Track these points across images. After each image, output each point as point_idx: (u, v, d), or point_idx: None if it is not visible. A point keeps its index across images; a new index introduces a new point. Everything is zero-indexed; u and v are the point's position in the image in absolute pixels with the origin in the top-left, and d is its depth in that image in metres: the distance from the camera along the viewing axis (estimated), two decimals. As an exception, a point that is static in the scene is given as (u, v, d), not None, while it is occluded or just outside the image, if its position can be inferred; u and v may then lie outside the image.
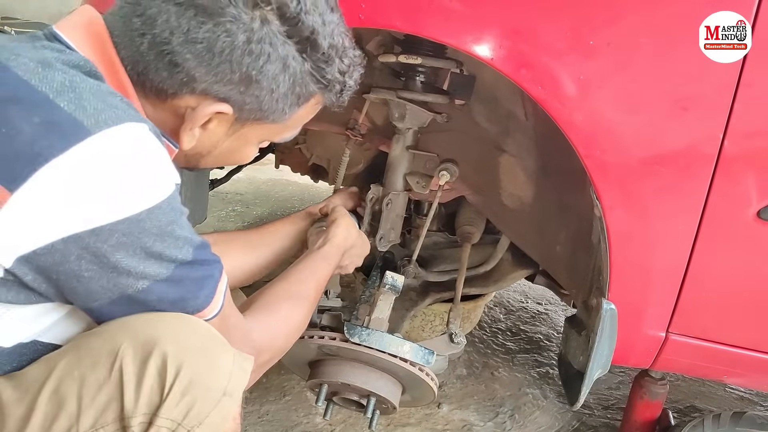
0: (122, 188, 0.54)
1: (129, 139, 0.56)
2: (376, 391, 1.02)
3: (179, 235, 0.60)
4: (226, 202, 3.22)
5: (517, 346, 1.98)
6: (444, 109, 1.20)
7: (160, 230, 0.57)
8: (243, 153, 0.75)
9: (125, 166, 0.55)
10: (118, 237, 0.54)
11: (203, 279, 0.64)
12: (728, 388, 1.85)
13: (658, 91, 0.86)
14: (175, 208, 0.60)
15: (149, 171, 0.57)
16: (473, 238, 1.45)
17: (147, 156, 0.57)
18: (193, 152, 0.71)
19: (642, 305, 1.01)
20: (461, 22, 0.84)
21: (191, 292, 0.63)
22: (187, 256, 0.60)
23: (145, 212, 0.55)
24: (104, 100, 0.56)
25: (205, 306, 0.64)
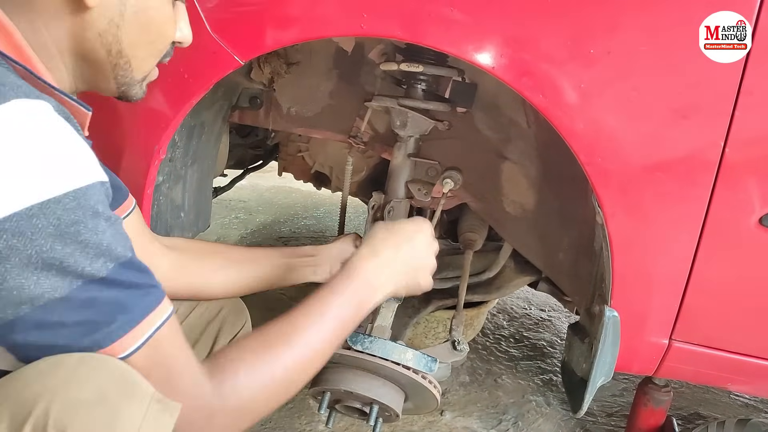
0: (6, 177, 0.45)
1: (15, 118, 0.47)
2: (379, 398, 1.02)
3: (88, 240, 0.49)
4: (229, 209, 3.22)
5: (521, 353, 1.97)
6: (446, 117, 1.21)
7: (59, 231, 0.47)
8: (158, 11, 0.65)
9: (8, 149, 0.46)
10: (7, 239, 0.45)
11: (122, 302, 0.52)
12: (732, 396, 1.84)
13: (658, 98, 0.86)
14: (86, 206, 0.49)
15: (43, 155, 0.47)
16: (476, 245, 1.45)
17: (42, 139, 0.48)
18: (105, 25, 0.61)
19: (645, 312, 1.00)
20: (462, 31, 0.85)
21: (103, 315, 0.51)
22: (100, 271, 0.50)
23: (37, 206, 0.46)
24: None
25: (119, 335, 0.52)
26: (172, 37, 0.69)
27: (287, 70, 1.24)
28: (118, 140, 0.98)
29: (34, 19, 0.58)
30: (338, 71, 1.29)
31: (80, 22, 0.59)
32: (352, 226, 2.94)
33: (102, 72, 0.65)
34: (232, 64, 0.91)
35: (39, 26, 0.58)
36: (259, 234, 2.91)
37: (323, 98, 1.33)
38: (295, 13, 0.89)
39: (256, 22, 0.90)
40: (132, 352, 0.53)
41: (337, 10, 0.86)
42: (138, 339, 0.54)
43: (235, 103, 1.34)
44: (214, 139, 1.29)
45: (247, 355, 0.65)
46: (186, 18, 0.71)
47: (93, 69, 0.64)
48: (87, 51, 0.62)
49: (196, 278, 0.97)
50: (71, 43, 0.61)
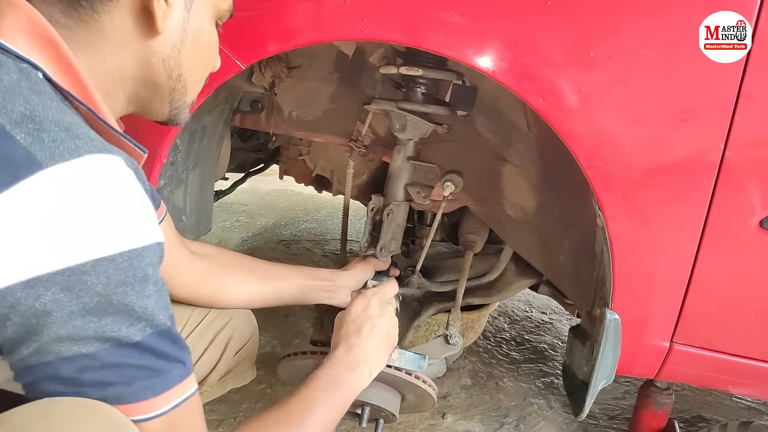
0: (69, 231, 0.46)
1: (87, 174, 0.47)
2: (370, 400, 1.02)
3: (132, 305, 0.49)
4: (230, 212, 3.23)
5: (522, 356, 1.97)
6: (446, 120, 1.21)
7: (107, 290, 0.48)
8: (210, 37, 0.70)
9: (74, 204, 0.46)
10: (55, 292, 0.45)
11: (151, 370, 0.52)
12: (735, 398, 1.84)
13: (658, 101, 0.86)
14: (137, 268, 0.49)
15: (107, 214, 0.48)
16: (476, 246, 1.45)
17: (108, 196, 0.48)
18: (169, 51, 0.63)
19: (646, 315, 1.00)
20: (462, 35, 0.85)
21: (123, 378, 0.51)
22: (136, 336, 0.50)
23: (91, 263, 0.46)
24: (68, 129, 0.48)
25: (137, 399, 0.52)
26: (217, 60, 0.75)
27: (288, 74, 1.24)
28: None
29: (102, 47, 0.59)
30: (339, 75, 1.29)
31: (147, 48, 0.62)
32: (354, 230, 2.94)
33: (160, 96, 0.68)
34: (233, 69, 0.92)
35: (106, 54, 0.60)
36: (260, 237, 2.91)
37: (324, 102, 1.33)
38: (296, 18, 0.89)
39: (257, 27, 0.90)
40: (146, 419, 0.53)
41: (338, 14, 0.87)
42: (155, 409, 0.53)
43: (237, 107, 1.34)
44: (215, 143, 1.30)
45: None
46: None
47: (152, 93, 0.67)
48: (149, 76, 0.64)
49: (217, 290, 0.99)
50: (136, 69, 0.63)
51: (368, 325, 0.92)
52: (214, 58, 0.73)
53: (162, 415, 0.54)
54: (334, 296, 1.14)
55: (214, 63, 0.74)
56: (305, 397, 0.78)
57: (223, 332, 1.01)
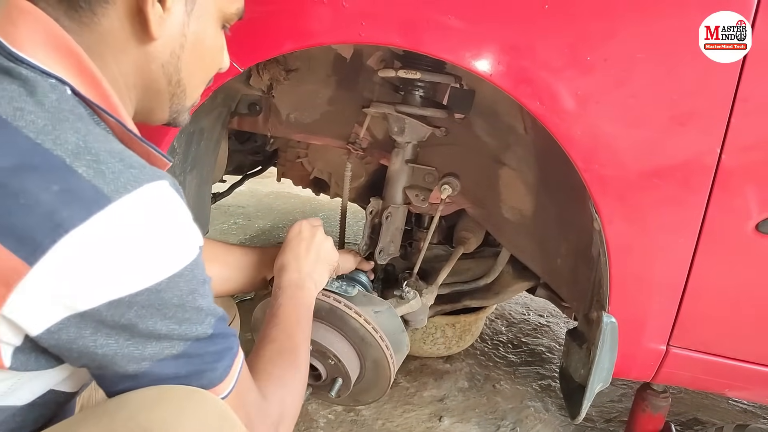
0: (143, 257, 0.51)
1: (149, 203, 0.51)
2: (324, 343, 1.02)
3: (201, 305, 0.57)
4: (228, 215, 3.23)
5: (519, 359, 1.97)
6: (443, 123, 1.21)
7: (181, 300, 0.54)
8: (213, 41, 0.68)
9: (146, 234, 0.51)
10: (137, 310, 0.51)
11: (222, 352, 0.61)
12: (731, 401, 1.84)
13: (656, 105, 0.87)
14: (197, 275, 0.56)
15: (171, 237, 0.53)
16: (469, 244, 1.45)
17: (168, 220, 0.53)
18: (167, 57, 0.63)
19: (642, 318, 1.01)
20: (460, 38, 0.85)
21: (209, 365, 0.59)
22: (208, 329, 0.58)
23: (165, 281, 0.52)
24: (122, 160, 0.52)
25: (221, 380, 0.61)
26: (220, 64, 0.73)
27: (286, 77, 1.25)
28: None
29: (105, 54, 0.59)
30: (337, 78, 1.29)
31: (145, 54, 0.61)
32: (351, 232, 2.94)
33: (160, 101, 0.67)
34: (231, 71, 0.91)
35: (109, 61, 0.60)
36: (257, 239, 2.91)
37: (322, 105, 1.33)
38: (294, 21, 0.89)
39: (255, 30, 0.90)
40: (228, 394, 0.61)
41: (336, 18, 0.87)
42: (232, 381, 0.62)
43: (234, 109, 1.34)
44: (213, 146, 1.30)
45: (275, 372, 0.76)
46: (225, 45, 0.74)
47: (153, 99, 0.66)
48: (150, 82, 0.64)
49: None
50: (136, 76, 0.63)
51: (304, 245, 1.00)
52: (218, 61, 0.72)
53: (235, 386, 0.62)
54: None
55: (218, 66, 0.73)
56: (282, 324, 0.85)
57: None
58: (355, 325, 1.03)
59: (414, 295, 1.16)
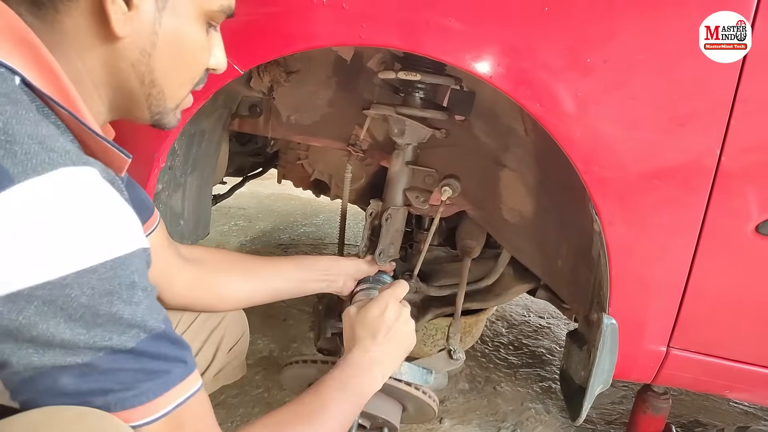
0: (45, 246, 0.45)
1: (62, 187, 0.47)
2: (375, 412, 1.02)
3: (120, 312, 0.49)
4: (228, 216, 3.23)
5: (520, 361, 1.97)
6: (444, 125, 1.21)
7: (92, 301, 0.47)
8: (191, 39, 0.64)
9: (52, 220, 0.45)
10: (38, 306, 0.45)
11: (147, 373, 0.52)
12: (732, 403, 1.84)
13: (655, 106, 0.87)
14: (121, 276, 0.49)
15: (85, 226, 0.47)
16: (474, 252, 1.46)
17: (84, 208, 0.48)
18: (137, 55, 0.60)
19: (642, 320, 1.01)
20: (460, 40, 0.85)
21: (123, 384, 0.51)
22: (128, 342, 0.50)
23: (72, 276, 0.46)
24: (42, 142, 0.47)
25: (140, 403, 0.52)
26: (206, 64, 0.68)
27: (287, 79, 1.25)
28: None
29: (69, 52, 0.57)
30: (337, 80, 1.29)
31: (112, 52, 0.59)
32: (352, 234, 2.94)
33: (136, 102, 0.64)
34: (231, 73, 0.92)
35: (74, 59, 0.58)
36: (258, 241, 2.91)
37: (322, 106, 1.33)
38: (295, 23, 0.89)
39: (256, 32, 0.91)
40: (150, 422, 0.53)
41: (337, 19, 0.87)
42: (158, 411, 0.53)
43: (235, 111, 1.34)
44: (213, 147, 1.30)
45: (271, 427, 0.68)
46: (221, 45, 0.70)
47: (127, 99, 0.64)
48: (120, 82, 0.61)
49: (212, 293, 0.98)
50: (105, 75, 0.60)
51: (384, 329, 0.91)
52: (201, 60, 0.67)
53: (166, 415, 0.54)
54: (332, 284, 1.14)
55: (202, 65, 0.68)
56: (321, 396, 0.77)
57: (216, 331, 1.01)
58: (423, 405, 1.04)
59: (464, 357, 1.16)
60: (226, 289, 1.00)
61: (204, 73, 0.70)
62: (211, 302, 0.99)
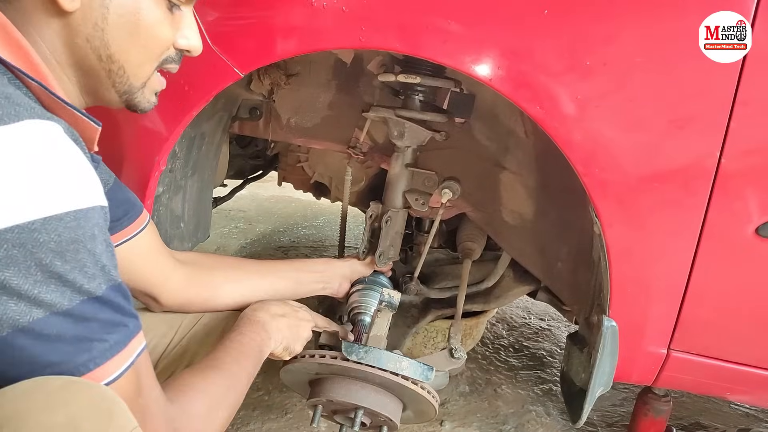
0: (12, 190, 0.46)
1: (26, 137, 0.48)
2: (375, 408, 1.02)
3: (85, 260, 0.51)
4: (229, 219, 3.23)
5: (520, 363, 1.97)
6: (444, 127, 1.22)
7: (60, 247, 0.48)
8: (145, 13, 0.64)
9: (17, 165, 0.47)
10: (7, 249, 0.46)
11: (114, 323, 0.54)
12: (733, 405, 1.83)
13: (655, 108, 0.87)
14: (85, 228, 0.51)
15: (51, 175, 0.49)
16: (474, 254, 1.46)
17: (47, 158, 0.49)
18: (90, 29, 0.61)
19: (643, 322, 1.01)
20: (459, 43, 0.86)
21: (98, 334, 0.52)
22: (97, 289, 0.52)
23: (40, 221, 0.47)
24: (8, 97, 0.49)
25: (112, 355, 0.53)
26: (168, 41, 0.68)
27: (287, 82, 1.25)
28: (118, 152, 0.99)
29: (29, 31, 0.58)
30: (337, 82, 1.30)
31: (67, 28, 0.60)
32: (352, 236, 2.94)
33: (99, 80, 0.65)
34: (232, 76, 0.92)
35: (35, 38, 0.59)
36: (258, 243, 2.92)
37: (322, 109, 1.33)
38: (295, 26, 0.89)
39: (256, 35, 0.91)
40: (119, 375, 0.54)
41: (336, 23, 0.87)
42: (125, 361, 0.55)
43: (235, 113, 1.34)
44: (214, 150, 1.30)
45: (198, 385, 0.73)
46: (193, 26, 0.70)
47: (91, 78, 0.64)
48: (80, 58, 0.62)
49: (208, 291, 1.00)
50: (65, 53, 0.61)
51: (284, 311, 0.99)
52: (161, 38, 0.66)
53: (129, 368, 0.55)
54: (327, 286, 1.16)
55: (162, 42, 0.67)
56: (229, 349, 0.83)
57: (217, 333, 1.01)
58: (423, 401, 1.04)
59: (465, 356, 1.17)
60: (221, 288, 1.01)
61: (176, 54, 0.70)
62: (206, 301, 1.00)
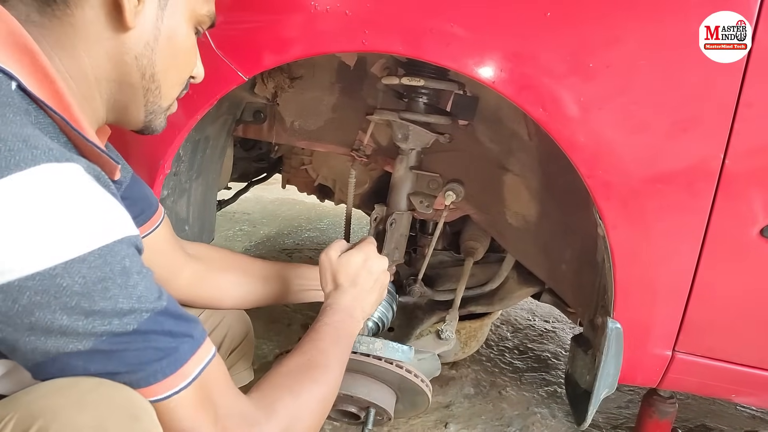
0: (31, 237, 0.46)
1: (44, 181, 0.48)
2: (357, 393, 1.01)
3: (117, 296, 0.51)
4: (233, 221, 3.24)
5: (525, 365, 1.97)
6: (447, 130, 1.22)
7: (86, 288, 0.49)
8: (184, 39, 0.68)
9: (35, 210, 0.47)
10: (30, 296, 0.47)
11: (156, 351, 0.54)
12: (739, 407, 1.83)
13: (658, 110, 0.87)
14: (112, 263, 0.51)
15: (69, 218, 0.49)
16: (477, 253, 1.46)
17: (67, 201, 0.49)
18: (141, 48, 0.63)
19: (647, 324, 1.00)
20: (462, 46, 0.86)
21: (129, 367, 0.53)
22: (129, 325, 0.52)
23: (61, 266, 0.47)
24: (26, 140, 0.49)
25: (157, 380, 0.54)
26: (194, 67, 0.73)
27: (290, 85, 1.26)
28: (124, 155, 0.99)
29: (77, 46, 0.60)
30: (341, 85, 1.30)
31: (119, 45, 0.62)
32: (356, 238, 2.94)
33: (135, 97, 0.67)
34: (235, 80, 0.92)
35: (80, 53, 0.60)
36: (263, 246, 2.92)
37: (326, 112, 1.34)
38: (298, 30, 0.90)
39: (260, 39, 0.91)
40: (170, 395, 0.55)
41: (340, 26, 0.88)
42: (176, 385, 0.56)
43: (239, 117, 1.35)
44: (218, 153, 1.31)
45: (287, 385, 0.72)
46: (199, 54, 0.74)
47: (126, 94, 0.66)
48: (123, 75, 0.64)
49: (212, 291, 1.02)
50: (109, 68, 0.63)
51: (365, 275, 0.95)
52: (191, 63, 0.72)
53: (187, 386, 0.56)
54: None
55: (191, 68, 0.72)
56: (318, 343, 0.82)
57: (217, 330, 1.02)
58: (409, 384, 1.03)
59: (453, 337, 1.16)
60: (225, 288, 1.02)
61: (187, 81, 0.74)
62: (211, 299, 1.02)
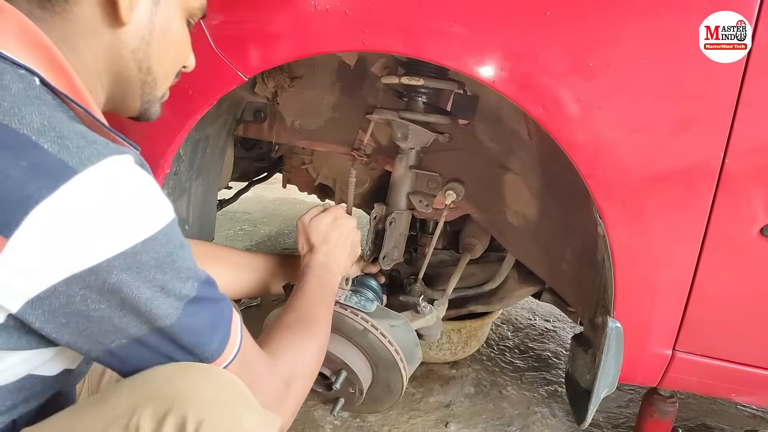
0: (112, 223, 0.53)
1: (114, 173, 0.54)
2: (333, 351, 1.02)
3: (180, 267, 0.59)
4: (234, 221, 3.24)
5: (526, 364, 1.97)
6: (447, 129, 1.22)
7: (158, 262, 0.56)
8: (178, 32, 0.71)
9: (113, 200, 0.53)
10: (117, 274, 0.53)
11: (214, 319, 0.63)
12: (740, 407, 1.83)
13: (658, 109, 0.87)
14: (173, 239, 0.58)
15: (140, 203, 0.55)
16: (475, 250, 1.46)
17: (134, 188, 0.56)
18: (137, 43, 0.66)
19: (647, 323, 1.00)
20: (462, 45, 0.86)
21: (206, 335, 0.61)
22: (191, 291, 0.60)
23: (140, 244, 0.54)
24: (84, 137, 0.54)
25: (222, 350, 0.63)
26: (187, 58, 0.76)
27: (290, 84, 1.26)
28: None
29: (77, 41, 0.62)
30: (341, 85, 1.30)
31: (116, 40, 0.64)
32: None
33: (131, 89, 0.70)
34: (236, 80, 0.93)
35: (81, 47, 0.63)
36: (263, 245, 2.92)
37: (326, 111, 1.34)
38: (298, 29, 0.90)
39: (260, 39, 0.91)
40: (231, 361, 0.64)
41: (340, 25, 0.88)
42: (234, 349, 0.65)
43: (240, 116, 1.35)
44: (218, 153, 1.31)
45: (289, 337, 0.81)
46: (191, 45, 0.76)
47: (124, 86, 0.69)
48: (121, 68, 0.67)
49: None
50: (108, 62, 0.65)
51: (338, 233, 1.06)
52: (185, 54, 0.75)
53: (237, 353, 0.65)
54: None
55: (185, 59, 0.75)
56: (307, 299, 0.92)
57: None
58: (372, 340, 1.04)
59: (430, 310, 1.17)
60: None
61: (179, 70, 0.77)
62: None
